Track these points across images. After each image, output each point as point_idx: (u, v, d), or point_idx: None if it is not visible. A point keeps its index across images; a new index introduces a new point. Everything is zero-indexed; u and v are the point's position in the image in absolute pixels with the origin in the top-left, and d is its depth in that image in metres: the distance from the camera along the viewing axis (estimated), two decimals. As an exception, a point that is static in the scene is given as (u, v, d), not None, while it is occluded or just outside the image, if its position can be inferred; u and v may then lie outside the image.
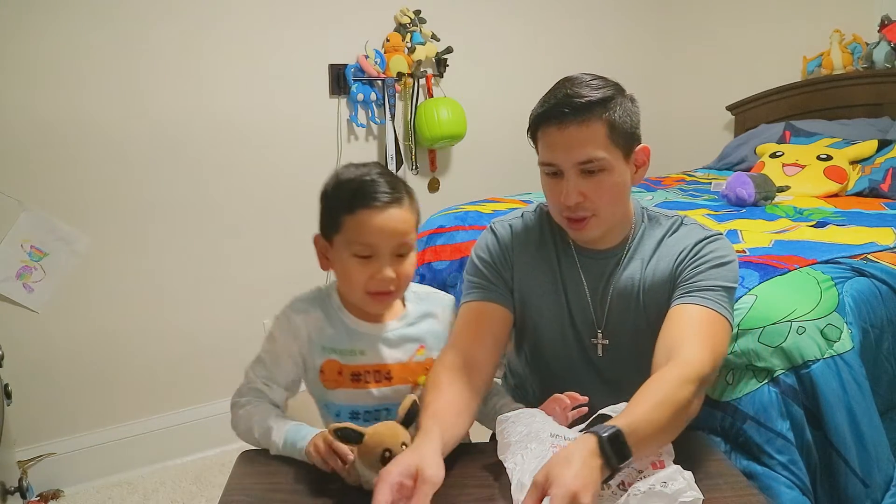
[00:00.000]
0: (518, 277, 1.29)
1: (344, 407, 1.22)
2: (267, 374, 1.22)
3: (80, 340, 2.30)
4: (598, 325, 1.26)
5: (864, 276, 1.61)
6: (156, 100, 2.35)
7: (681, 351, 1.08)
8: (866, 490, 1.37)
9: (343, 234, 1.16)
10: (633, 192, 1.28)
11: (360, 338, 1.23)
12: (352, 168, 1.20)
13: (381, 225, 1.13)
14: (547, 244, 1.29)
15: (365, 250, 1.15)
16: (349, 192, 1.15)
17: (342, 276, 1.20)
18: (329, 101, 2.77)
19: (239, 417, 1.20)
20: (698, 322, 1.13)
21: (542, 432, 1.05)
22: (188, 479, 2.33)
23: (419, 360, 1.26)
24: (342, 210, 1.15)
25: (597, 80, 1.18)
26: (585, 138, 1.13)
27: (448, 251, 2.32)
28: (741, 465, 1.37)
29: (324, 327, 1.22)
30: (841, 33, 3.16)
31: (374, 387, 1.21)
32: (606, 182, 1.16)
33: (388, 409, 1.23)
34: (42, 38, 2.13)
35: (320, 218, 1.21)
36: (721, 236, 1.25)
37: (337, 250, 1.18)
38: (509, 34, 3.24)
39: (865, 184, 2.62)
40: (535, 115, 1.19)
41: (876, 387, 1.48)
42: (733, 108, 3.59)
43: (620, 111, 1.15)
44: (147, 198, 2.37)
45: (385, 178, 1.17)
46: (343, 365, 1.21)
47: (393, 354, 1.23)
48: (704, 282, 1.18)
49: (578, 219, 1.19)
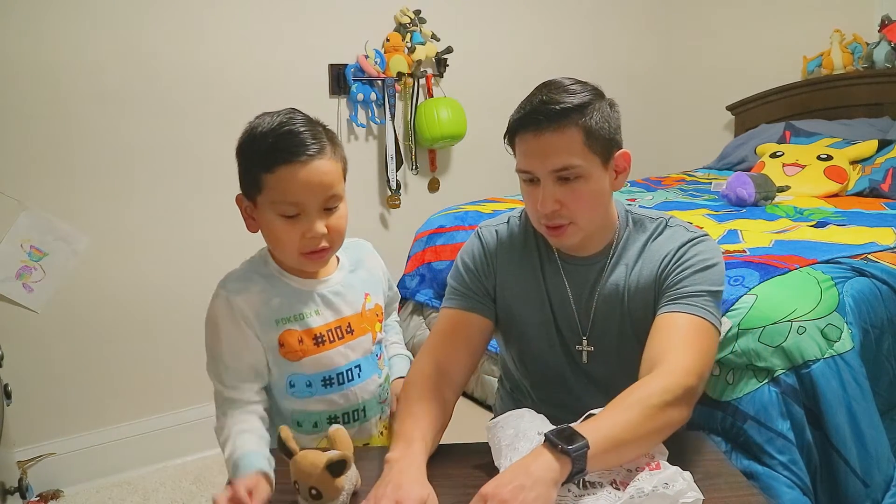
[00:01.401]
0: (501, 285, 1.28)
1: (314, 377, 1.17)
2: (230, 375, 1.12)
3: (80, 340, 2.30)
4: (584, 332, 1.25)
5: (865, 276, 1.62)
6: (154, 101, 2.35)
7: (665, 361, 1.06)
8: (866, 490, 1.37)
9: (265, 195, 1.08)
10: (632, 193, 1.29)
11: (310, 298, 1.17)
12: (266, 118, 1.10)
13: (305, 181, 1.06)
14: (531, 251, 1.28)
15: (291, 209, 1.08)
16: (266, 148, 1.07)
17: (271, 238, 1.13)
18: (329, 101, 2.77)
19: (216, 433, 1.14)
20: (685, 331, 1.10)
21: (529, 431, 1.04)
22: (188, 479, 2.33)
23: (370, 308, 1.24)
24: (260, 168, 1.07)
25: (575, 84, 1.15)
26: (561, 145, 1.11)
27: (448, 251, 2.32)
28: (741, 465, 1.38)
29: (269, 299, 1.14)
30: (841, 33, 3.16)
31: (340, 344, 1.17)
32: (583, 189, 1.14)
33: (359, 366, 1.20)
34: (44, 49, 2.14)
35: (239, 176, 1.13)
36: (706, 237, 1.21)
37: (262, 211, 1.10)
38: (509, 34, 3.23)
39: (865, 184, 2.62)
40: (511, 122, 1.17)
41: (876, 387, 1.48)
42: (733, 108, 3.59)
43: (598, 117, 1.13)
44: (147, 198, 2.37)
45: (304, 126, 1.08)
46: (301, 332, 1.15)
47: (346, 307, 1.20)
48: (690, 287, 1.14)
49: (556, 226, 1.17)
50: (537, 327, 1.27)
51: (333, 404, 1.20)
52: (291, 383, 1.18)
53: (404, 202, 2.99)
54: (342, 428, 1.03)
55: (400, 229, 2.93)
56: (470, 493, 0.94)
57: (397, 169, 2.90)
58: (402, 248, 2.61)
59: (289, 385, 1.18)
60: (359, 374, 1.21)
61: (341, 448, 1.00)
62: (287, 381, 1.17)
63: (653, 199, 2.60)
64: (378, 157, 2.93)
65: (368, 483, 1.04)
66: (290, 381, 1.17)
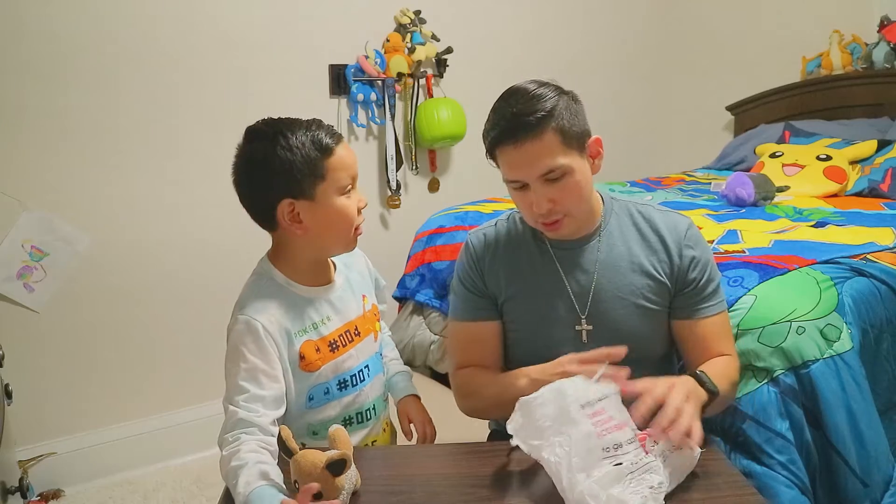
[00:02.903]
0: (497, 282, 1.32)
1: (331, 382, 1.22)
2: (251, 398, 1.09)
3: (81, 340, 2.30)
4: (581, 311, 1.28)
5: (864, 276, 1.62)
6: (154, 101, 2.35)
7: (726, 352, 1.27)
8: (865, 490, 1.37)
9: (328, 180, 1.16)
10: (633, 193, 1.30)
11: (319, 304, 1.22)
12: (285, 123, 1.20)
13: (352, 157, 1.21)
14: (520, 247, 1.33)
15: (349, 181, 1.19)
16: (319, 140, 1.16)
17: (334, 223, 1.19)
18: (329, 102, 2.77)
19: (221, 459, 1.06)
20: (725, 326, 1.31)
21: (571, 409, 0.99)
22: (189, 479, 2.33)
23: (369, 309, 1.32)
24: (321, 158, 1.16)
25: (539, 88, 1.21)
26: (541, 151, 1.17)
27: (448, 251, 2.32)
28: (741, 465, 1.38)
29: (287, 311, 1.17)
30: (840, 33, 3.16)
31: (351, 347, 1.24)
32: (570, 184, 1.20)
33: (367, 367, 1.28)
34: (45, 48, 2.14)
35: (285, 181, 1.15)
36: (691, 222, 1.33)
37: (321, 201, 1.17)
38: (509, 34, 3.24)
39: (865, 184, 2.62)
40: (489, 138, 1.22)
41: (875, 387, 1.48)
42: (733, 108, 3.59)
43: (567, 115, 1.19)
44: (147, 198, 2.37)
45: (320, 121, 1.22)
46: (318, 341, 1.20)
47: (351, 310, 1.27)
48: (712, 284, 1.28)
49: (552, 222, 1.23)
50: (535, 315, 1.30)
51: (348, 407, 1.25)
52: (311, 396, 1.21)
53: (404, 202, 2.99)
54: (342, 428, 1.05)
55: (400, 229, 2.93)
56: (470, 493, 0.94)
57: (397, 169, 2.90)
58: (402, 249, 2.61)
59: (308, 399, 1.20)
60: (368, 375, 1.28)
61: (341, 447, 1.00)
62: (307, 395, 1.20)
63: (652, 199, 2.60)
64: (378, 158, 2.93)
65: (368, 483, 1.04)
66: (309, 395, 1.20)
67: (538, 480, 1.05)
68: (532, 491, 1.05)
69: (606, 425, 0.98)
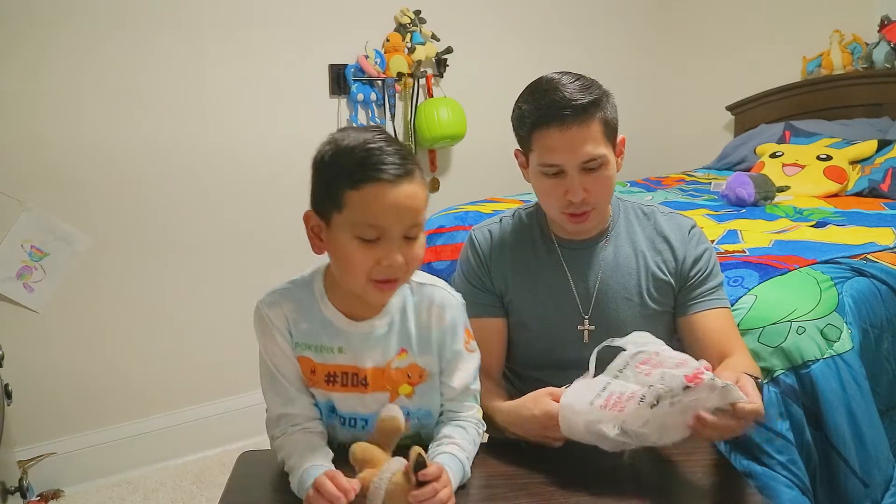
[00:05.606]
0: (502, 279, 1.32)
1: (324, 404, 1.12)
2: (280, 388, 1.08)
3: (80, 340, 2.30)
4: (585, 311, 1.28)
5: (864, 276, 1.62)
6: (155, 101, 2.35)
7: (738, 351, 1.27)
8: (866, 490, 1.37)
9: (345, 214, 0.97)
10: (633, 193, 1.31)
11: (337, 333, 1.07)
12: (351, 133, 1.00)
13: (392, 203, 0.95)
14: (526, 245, 1.33)
15: (372, 233, 0.96)
16: (353, 163, 0.96)
17: (341, 261, 1.01)
18: (329, 102, 2.77)
19: (275, 451, 1.09)
20: (731, 321, 1.32)
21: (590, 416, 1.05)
22: (188, 479, 2.33)
23: (399, 367, 1.08)
24: (344, 184, 0.96)
25: (581, 79, 1.22)
26: (586, 138, 1.18)
27: (448, 251, 2.32)
28: (741, 465, 1.37)
29: (297, 321, 1.08)
30: (841, 33, 3.16)
31: (351, 391, 1.08)
32: (604, 176, 1.22)
33: (366, 421, 1.10)
34: (45, 49, 2.14)
35: (314, 191, 1.03)
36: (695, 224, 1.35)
37: (335, 231, 0.99)
38: (509, 34, 3.24)
39: (865, 184, 2.62)
40: (531, 118, 1.20)
41: (876, 387, 1.48)
42: (733, 108, 3.59)
43: (610, 108, 1.22)
44: (147, 198, 2.37)
45: (392, 145, 0.98)
46: (317, 364, 1.08)
47: (367, 358, 1.07)
48: (714, 281, 1.30)
49: (581, 213, 1.23)
50: (540, 314, 1.30)
51: (339, 434, 1.14)
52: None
53: (404, 202, 2.99)
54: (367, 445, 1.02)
55: (400, 229, 2.93)
56: (471, 492, 0.94)
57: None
58: (402, 248, 2.62)
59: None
60: (364, 427, 1.11)
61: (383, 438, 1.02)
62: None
63: (652, 199, 2.60)
64: (378, 158, 2.93)
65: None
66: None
67: (538, 480, 1.06)
68: (533, 491, 1.05)
69: (620, 405, 1.03)
